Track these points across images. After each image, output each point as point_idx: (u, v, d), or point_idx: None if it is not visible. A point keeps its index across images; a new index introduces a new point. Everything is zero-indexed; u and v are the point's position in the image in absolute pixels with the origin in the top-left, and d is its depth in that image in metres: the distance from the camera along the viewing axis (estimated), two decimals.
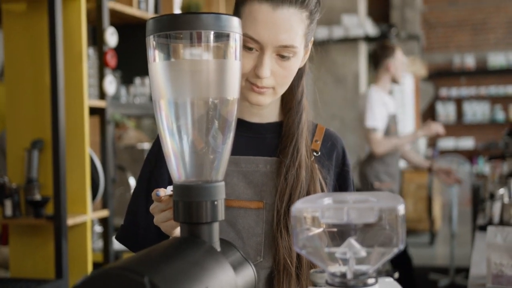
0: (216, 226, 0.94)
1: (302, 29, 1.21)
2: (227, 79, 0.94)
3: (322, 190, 1.32)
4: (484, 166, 9.57)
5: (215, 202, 0.92)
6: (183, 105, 0.92)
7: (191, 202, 0.91)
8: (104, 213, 3.08)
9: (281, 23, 1.18)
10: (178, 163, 0.95)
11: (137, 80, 3.42)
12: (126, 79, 3.41)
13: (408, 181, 7.51)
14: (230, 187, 1.27)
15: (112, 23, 3.19)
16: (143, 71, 3.37)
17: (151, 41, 0.92)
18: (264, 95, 1.24)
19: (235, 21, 0.92)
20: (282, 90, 1.26)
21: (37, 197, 2.81)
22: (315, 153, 1.34)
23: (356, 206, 0.91)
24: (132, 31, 3.24)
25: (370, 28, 5.50)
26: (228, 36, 0.92)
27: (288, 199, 1.27)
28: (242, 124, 1.30)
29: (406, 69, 8.08)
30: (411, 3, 9.56)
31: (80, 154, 2.86)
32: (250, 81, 1.22)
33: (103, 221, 3.15)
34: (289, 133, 1.31)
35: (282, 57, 1.21)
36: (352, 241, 0.91)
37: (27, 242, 2.93)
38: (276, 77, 1.22)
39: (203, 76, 0.92)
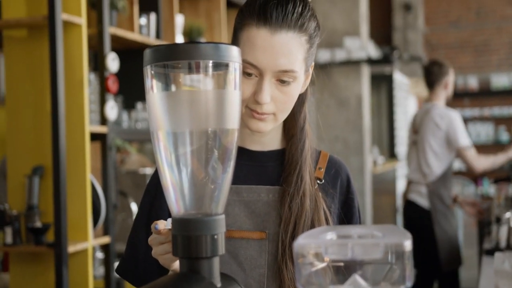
0: (216, 261, 0.91)
1: (301, 54, 1.19)
2: (226, 109, 0.92)
3: (327, 220, 1.28)
4: (489, 188, 9.51)
5: (215, 236, 0.90)
6: (181, 136, 0.90)
7: (190, 236, 0.89)
8: (106, 239, 3.04)
9: (279, 48, 1.16)
10: (176, 195, 0.92)
11: (139, 105, 3.41)
12: (127, 104, 3.40)
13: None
14: (231, 217, 1.24)
15: (114, 48, 3.18)
16: (145, 96, 3.35)
17: (148, 71, 0.91)
18: (265, 121, 1.21)
19: (234, 51, 0.90)
20: (283, 116, 1.23)
21: (38, 224, 2.78)
22: (318, 181, 1.30)
23: (361, 242, 0.88)
24: (134, 55, 3.22)
25: (373, 51, 5.50)
26: (227, 65, 0.90)
27: (293, 229, 1.24)
28: (243, 152, 1.28)
29: (409, 91, 8.08)
30: (413, 24, 9.58)
31: (81, 181, 2.84)
32: (250, 108, 1.20)
33: (105, 248, 3.11)
34: (292, 161, 1.28)
35: (282, 82, 1.18)
36: (357, 277, 0.87)
37: (27, 270, 2.90)
38: (276, 102, 1.19)
39: (202, 106, 0.90)
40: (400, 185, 7.46)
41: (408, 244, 0.84)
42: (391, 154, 7.31)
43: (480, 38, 9.75)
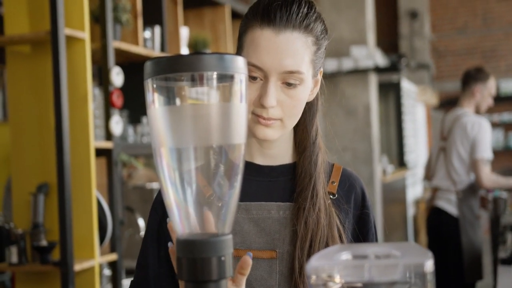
0: (224, 284, 0.86)
1: (308, 55, 1.14)
2: (232, 123, 0.86)
3: (340, 237, 1.22)
4: (500, 194, 9.41)
5: (222, 258, 0.85)
6: (185, 152, 0.85)
7: (195, 258, 0.84)
8: (113, 256, 2.99)
9: (284, 48, 1.12)
10: (181, 215, 0.88)
11: (145, 119, 3.37)
12: (133, 119, 3.36)
13: (423, 210, 7.38)
14: (240, 235, 1.18)
15: (118, 62, 3.14)
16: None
17: (149, 84, 0.86)
18: (272, 128, 1.16)
19: (239, 61, 0.85)
20: (290, 122, 1.17)
21: (43, 242, 2.73)
22: (331, 196, 1.25)
23: (378, 263, 0.83)
24: (138, 69, 3.18)
25: (380, 59, 5.45)
26: (232, 77, 0.85)
27: (309, 246, 1.18)
28: (252, 168, 1.23)
29: (417, 98, 8.02)
30: (420, 32, 9.53)
31: (86, 197, 2.79)
32: (256, 113, 1.14)
33: (112, 265, 3.06)
34: (306, 175, 1.22)
35: (288, 85, 1.13)
36: None
37: None
38: (283, 107, 1.14)
39: (206, 120, 0.85)
40: (410, 194, 7.38)
41: (429, 264, 0.79)
42: (401, 163, 7.24)
43: (487, 44, 9.68)
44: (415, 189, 7.77)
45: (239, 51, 1.18)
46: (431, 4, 9.78)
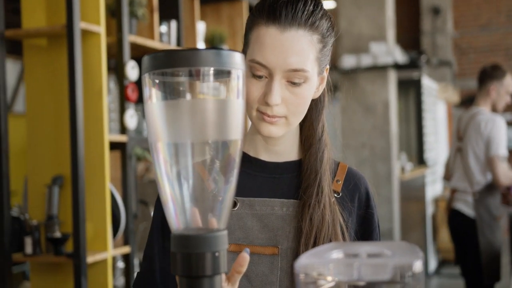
0: (218, 279, 0.86)
1: (313, 53, 1.14)
2: (229, 119, 0.87)
3: (343, 235, 1.22)
4: None
5: (216, 254, 0.85)
6: (182, 147, 0.86)
7: (190, 254, 0.84)
8: (126, 249, 3.01)
9: (289, 46, 1.12)
10: (176, 210, 0.88)
11: None
12: None
13: (443, 209, 7.32)
14: (243, 231, 1.19)
15: (134, 56, 3.16)
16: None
17: (146, 79, 0.86)
18: (276, 125, 1.16)
19: (237, 57, 0.85)
20: (295, 120, 1.18)
21: (57, 234, 2.76)
22: (336, 195, 1.24)
23: (368, 262, 0.82)
24: None
25: (399, 56, 5.41)
26: (229, 73, 0.85)
27: (314, 243, 1.18)
28: (257, 164, 1.24)
29: (438, 96, 7.95)
30: (442, 28, 9.44)
31: (100, 190, 2.81)
32: (261, 111, 1.15)
33: (125, 258, 3.08)
34: (311, 172, 1.22)
35: (293, 83, 1.14)
36: None
37: (48, 280, 2.88)
38: (288, 105, 1.14)
39: (203, 116, 0.86)
40: (430, 192, 7.33)
41: (418, 265, 0.78)
42: (420, 161, 7.19)
43: (510, 41, 9.56)
44: (434, 187, 7.71)
45: (245, 48, 1.18)
46: (454, 1, 9.68)
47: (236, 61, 0.85)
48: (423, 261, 0.81)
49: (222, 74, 0.85)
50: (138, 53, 3.22)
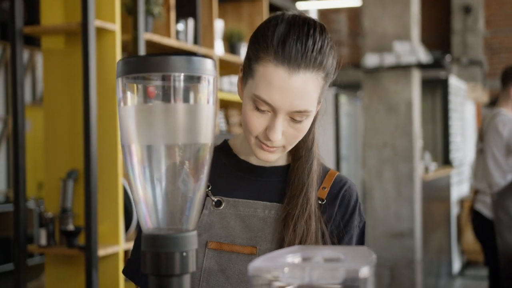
0: (186, 278, 0.89)
1: (317, 92, 1.16)
2: (198, 124, 0.89)
3: (325, 242, 1.24)
4: None
5: (184, 254, 0.87)
6: (152, 150, 0.89)
7: (159, 253, 0.87)
8: None
9: (297, 90, 1.12)
10: (148, 210, 0.91)
11: None
12: None
13: (468, 210, 7.24)
14: (225, 230, 1.22)
15: (152, 54, 3.20)
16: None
17: (119, 83, 0.89)
18: (274, 153, 1.20)
19: (208, 64, 0.87)
20: (291, 146, 1.21)
21: (71, 227, 2.83)
22: (320, 201, 1.27)
23: (320, 266, 0.85)
24: None
25: (423, 55, 5.36)
26: (199, 78, 0.88)
27: None
28: (246, 166, 1.28)
29: (466, 96, 7.86)
30: (473, 28, 9.32)
31: (113, 185, 2.87)
32: (260, 140, 1.18)
33: None
34: (299, 183, 1.25)
35: (295, 120, 1.16)
36: None
37: (61, 271, 2.95)
38: (287, 136, 1.17)
39: (173, 120, 0.88)
40: (455, 193, 7.26)
41: (364, 270, 0.80)
42: (446, 161, 7.12)
43: None
44: (460, 188, 7.63)
45: (247, 75, 1.18)
46: None
47: (207, 67, 0.88)
48: (372, 268, 0.83)
49: (193, 80, 0.88)
50: (155, 50, 3.27)
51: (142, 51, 3.01)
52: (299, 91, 1.12)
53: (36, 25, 2.90)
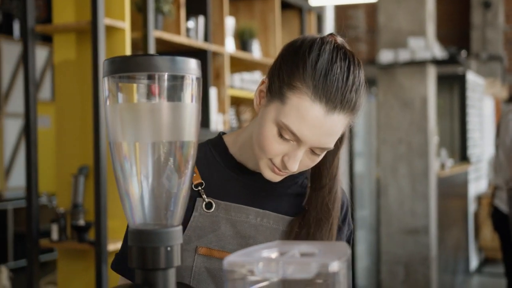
0: (171, 272, 0.91)
1: (343, 130, 1.14)
2: (182, 122, 0.92)
3: None
4: None
5: (168, 248, 0.90)
6: (137, 147, 0.91)
7: (144, 247, 0.90)
8: None
9: (328, 129, 1.09)
10: (132, 206, 0.93)
11: None
12: None
13: (486, 207, 7.19)
14: (215, 235, 1.20)
15: (161, 51, 3.24)
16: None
17: (105, 82, 0.92)
18: (282, 176, 1.17)
19: (191, 63, 0.90)
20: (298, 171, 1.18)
21: (81, 222, 2.87)
22: None
23: (293, 260, 0.86)
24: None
25: (438, 51, 5.33)
26: (183, 78, 0.90)
27: None
28: (241, 169, 1.24)
29: (485, 91, 7.79)
30: (493, 23, 9.23)
31: None
32: (274, 163, 1.14)
33: None
34: (322, 210, 1.21)
35: (314, 152, 1.13)
36: None
37: (73, 266, 3.00)
38: (300, 165, 1.14)
39: (158, 118, 0.91)
40: (473, 189, 7.21)
41: (335, 266, 0.82)
42: (463, 157, 7.07)
43: None
44: (478, 185, 7.57)
45: (276, 98, 1.11)
46: None
47: (191, 67, 0.91)
48: (344, 263, 0.84)
49: (177, 79, 0.90)
50: (165, 48, 3.30)
51: (152, 49, 3.05)
52: (330, 130, 1.09)
53: (47, 24, 2.95)
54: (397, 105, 5.40)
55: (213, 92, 3.50)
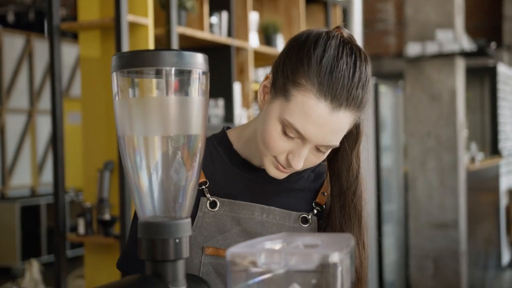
0: (180, 264, 0.93)
1: (349, 127, 1.11)
2: (190, 116, 0.93)
3: None
4: None
5: (177, 240, 0.92)
6: (147, 141, 0.93)
7: (153, 240, 0.91)
8: None
9: (333, 127, 1.07)
10: (141, 200, 0.95)
11: (211, 102, 3.48)
12: None
13: None
14: (222, 234, 1.18)
15: (185, 47, 3.27)
16: (216, 92, 3.42)
17: (114, 77, 0.94)
18: (286, 174, 1.15)
19: (198, 58, 0.92)
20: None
21: (107, 216, 2.92)
22: (319, 208, 1.22)
23: (295, 252, 0.87)
24: (205, 53, 3.29)
25: (466, 43, 5.26)
26: (190, 72, 0.92)
27: None
28: (245, 165, 1.22)
29: None
30: None
31: None
32: (278, 161, 1.12)
33: None
34: (352, 212, 1.19)
35: (319, 150, 1.11)
36: (296, 286, 0.87)
37: (99, 259, 3.05)
38: (305, 162, 1.12)
39: (165, 113, 0.92)
40: (504, 183, 7.11)
41: (335, 256, 0.82)
42: (494, 151, 6.98)
43: None
44: (510, 178, 7.46)
45: (280, 95, 1.10)
46: None
47: (197, 61, 0.92)
48: (346, 254, 0.85)
49: (184, 74, 0.92)
50: (189, 44, 3.32)
51: (175, 45, 3.07)
52: (335, 128, 1.07)
53: (72, 21, 2.99)
54: (425, 98, 5.35)
55: (237, 87, 3.52)
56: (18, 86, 7.74)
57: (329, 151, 1.13)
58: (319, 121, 1.06)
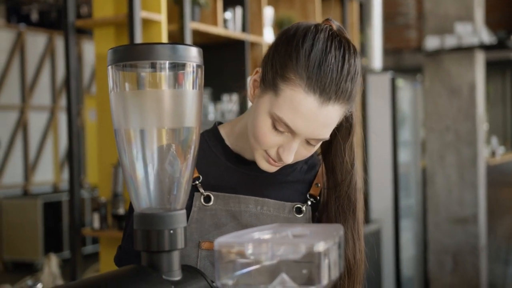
0: (175, 255, 0.94)
1: (339, 120, 1.11)
2: (184, 108, 0.95)
3: None
4: None
5: (171, 231, 0.93)
6: (142, 134, 0.94)
7: (149, 231, 0.93)
8: None
9: (323, 120, 1.07)
10: (137, 191, 0.96)
11: (225, 97, 3.49)
12: (214, 97, 3.49)
13: None
14: (217, 228, 1.19)
15: (199, 43, 3.28)
16: (231, 88, 3.43)
17: (110, 71, 0.95)
18: (277, 167, 1.16)
19: (192, 51, 0.93)
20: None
21: (121, 211, 2.95)
22: (313, 200, 1.23)
23: (283, 241, 0.88)
24: (220, 48, 3.31)
25: (486, 36, 5.20)
26: (184, 65, 0.93)
27: None
28: (237, 159, 1.23)
29: None
30: None
31: None
32: (269, 154, 1.12)
33: None
34: (346, 205, 1.19)
35: (309, 143, 1.11)
36: (285, 276, 0.88)
37: (114, 253, 3.08)
38: (296, 155, 1.12)
39: (160, 105, 0.94)
40: None
41: (320, 246, 0.83)
42: None
43: None
44: None
45: (269, 89, 1.10)
46: None
47: (192, 54, 0.93)
48: (334, 244, 0.85)
49: (178, 67, 0.93)
50: (203, 39, 3.34)
51: (188, 40, 3.09)
52: (324, 121, 1.07)
53: (87, 19, 3.03)
54: (444, 92, 5.31)
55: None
56: (40, 83, 7.84)
57: (319, 144, 1.13)
58: (308, 115, 1.06)
